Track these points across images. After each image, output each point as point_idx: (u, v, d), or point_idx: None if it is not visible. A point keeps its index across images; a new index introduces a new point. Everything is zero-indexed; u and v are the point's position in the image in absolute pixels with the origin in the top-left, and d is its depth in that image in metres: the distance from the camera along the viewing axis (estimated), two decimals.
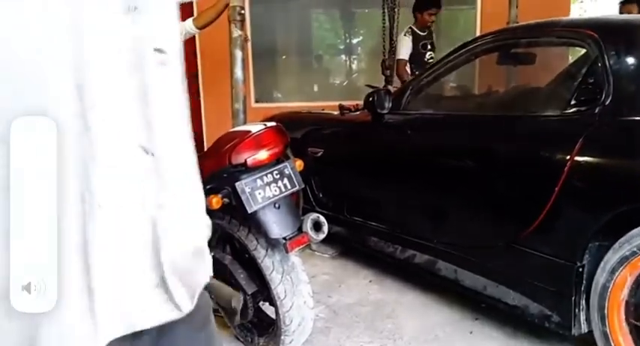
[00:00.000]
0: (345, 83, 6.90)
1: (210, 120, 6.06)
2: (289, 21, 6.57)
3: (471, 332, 2.23)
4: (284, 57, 6.74)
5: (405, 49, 4.57)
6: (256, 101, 5.84)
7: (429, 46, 4.60)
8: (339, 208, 2.91)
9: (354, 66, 7.14)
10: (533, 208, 1.94)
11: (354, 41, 7.14)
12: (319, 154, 2.98)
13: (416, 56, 4.54)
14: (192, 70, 5.90)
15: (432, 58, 4.55)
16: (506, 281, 2.07)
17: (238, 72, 3.60)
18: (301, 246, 1.90)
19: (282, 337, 1.96)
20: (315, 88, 6.81)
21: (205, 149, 6.44)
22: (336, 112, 3.28)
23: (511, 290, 2.05)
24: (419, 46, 4.58)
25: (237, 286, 2.03)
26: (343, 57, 7.16)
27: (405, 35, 4.57)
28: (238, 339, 2.19)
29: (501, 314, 2.22)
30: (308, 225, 1.92)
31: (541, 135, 2.07)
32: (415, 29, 4.57)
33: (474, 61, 2.59)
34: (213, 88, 5.88)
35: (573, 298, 1.84)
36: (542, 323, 1.97)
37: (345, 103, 3.26)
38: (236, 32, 3.56)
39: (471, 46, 2.44)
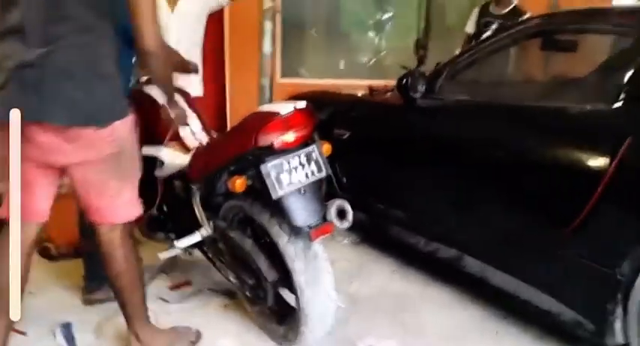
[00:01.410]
0: (372, 61, 6.73)
1: (234, 95, 5.96)
2: None
3: (497, 332, 2.14)
4: (312, 31, 6.57)
5: (470, 21, 4.42)
6: (282, 76, 5.72)
7: (493, 26, 4.19)
8: (363, 194, 2.82)
9: (382, 44, 6.94)
10: (572, 208, 1.82)
11: (384, 18, 6.93)
12: (345, 136, 2.87)
13: (477, 33, 4.30)
14: (218, 45, 5.77)
15: None
16: (538, 283, 1.97)
17: (267, 45, 3.49)
18: (325, 235, 1.83)
19: (302, 327, 1.90)
20: (342, 66, 6.65)
21: (229, 126, 6.43)
22: (361, 92, 3.16)
23: (542, 293, 1.95)
24: (480, 23, 4.33)
25: (258, 272, 1.97)
26: (372, 34, 6.97)
27: (476, 7, 4.41)
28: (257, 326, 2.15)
29: (530, 315, 2.13)
30: (332, 213, 1.84)
31: (585, 129, 1.93)
32: (490, 3, 4.34)
33: (515, 46, 2.43)
34: (238, 63, 5.76)
35: (610, 306, 1.74)
36: (574, 331, 1.87)
37: (374, 84, 3.14)
38: (267, 3, 3.44)
39: (514, 30, 2.30)
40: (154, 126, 2.37)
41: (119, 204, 1.73)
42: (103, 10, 1.55)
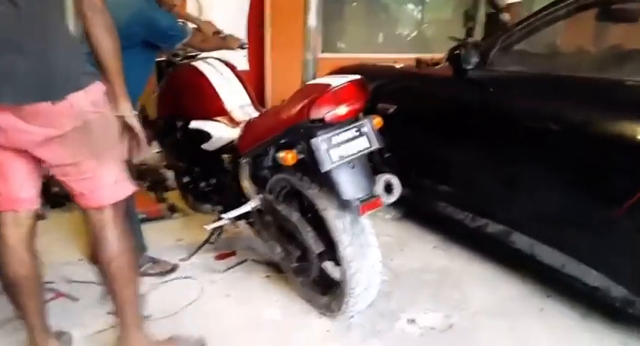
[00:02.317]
0: (413, 34, 6.61)
1: (275, 70, 5.94)
2: None
3: (541, 309, 2.13)
4: (353, 4, 6.48)
5: None
6: (322, 51, 5.69)
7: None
8: (407, 169, 2.80)
9: (423, 17, 6.81)
10: (629, 183, 1.78)
11: None
12: (390, 111, 2.84)
13: None
14: (257, 20, 5.76)
15: None
16: (589, 260, 1.94)
17: (312, 19, 3.41)
18: (374, 210, 1.83)
19: (347, 299, 1.93)
20: (384, 39, 6.55)
21: (267, 100, 6.38)
22: (399, 65, 3.11)
23: (593, 270, 1.92)
24: None
25: (304, 244, 2.00)
26: (412, 7, 6.83)
27: None
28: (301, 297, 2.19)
29: (575, 292, 2.11)
30: (380, 187, 1.83)
31: None
32: None
33: (571, 18, 2.34)
34: (280, 38, 5.73)
35: None
36: (625, 308, 1.85)
37: (422, 57, 3.09)
38: None
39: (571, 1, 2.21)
40: (202, 100, 2.41)
41: (103, 186, 1.52)
42: None
